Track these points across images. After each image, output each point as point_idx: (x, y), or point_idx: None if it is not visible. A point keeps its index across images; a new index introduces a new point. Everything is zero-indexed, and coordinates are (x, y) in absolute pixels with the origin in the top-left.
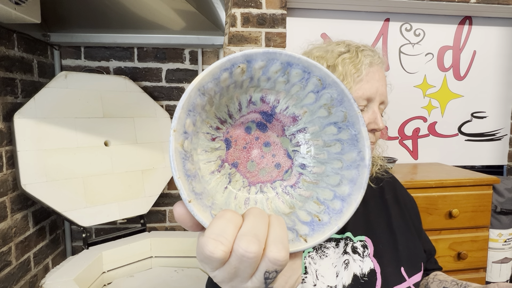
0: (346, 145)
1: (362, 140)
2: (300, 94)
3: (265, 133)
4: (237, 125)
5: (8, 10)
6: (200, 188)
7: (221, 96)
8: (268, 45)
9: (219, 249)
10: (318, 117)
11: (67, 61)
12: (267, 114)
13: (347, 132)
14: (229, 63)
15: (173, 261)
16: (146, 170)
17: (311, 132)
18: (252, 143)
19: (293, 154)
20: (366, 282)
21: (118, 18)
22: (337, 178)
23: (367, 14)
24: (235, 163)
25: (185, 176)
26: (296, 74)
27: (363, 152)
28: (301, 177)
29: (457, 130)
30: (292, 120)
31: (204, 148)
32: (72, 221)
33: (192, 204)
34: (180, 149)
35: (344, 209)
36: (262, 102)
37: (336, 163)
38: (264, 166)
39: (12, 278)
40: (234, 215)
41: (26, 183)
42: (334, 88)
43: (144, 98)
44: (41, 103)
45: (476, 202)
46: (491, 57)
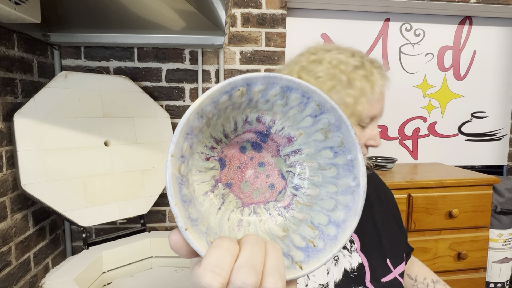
0: (341, 170)
1: (358, 166)
2: (297, 117)
3: (259, 153)
4: (232, 144)
5: (8, 10)
6: (195, 214)
7: (218, 117)
8: (268, 45)
9: (216, 281)
10: (314, 140)
11: (67, 61)
12: (262, 134)
13: (343, 157)
14: (229, 87)
15: (173, 261)
16: (146, 170)
17: (306, 153)
18: (247, 163)
19: (287, 175)
20: (356, 276)
21: (118, 18)
22: (332, 202)
23: (367, 14)
24: (229, 183)
25: (181, 202)
26: (295, 98)
27: (358, 179)
28: (295, 199)
29: (457, 130)
30: (287, 141)
31: (198, 168)
32: (72, 221)
33: (188, 232)
34: (177, 174)
35: (339, 236)
36: (257, 122)
37: (331, 187)
38: (258, 186)
39: (12, 278)
40: (231, 244)
41: (26, 183)
42: (332, 114)
43: (144, 98)
44: (41, 103)
45: (476, 202)
46: (491, 57)
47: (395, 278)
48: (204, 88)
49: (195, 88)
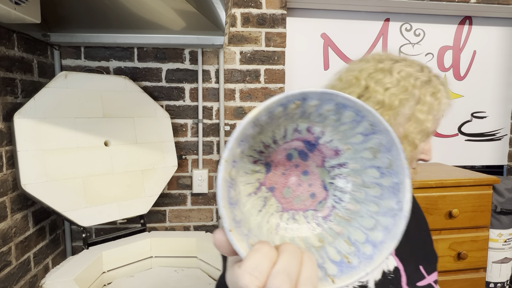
0: (386, 191)
1: (403, 191)
2: (348, 133)
3: (305, 162)
4: (279, 150)
5: (8, 10)
6: (239, 215)
7: (270, 124)
8: (268, 45)
9: (254, 284)
10: (362, 157)
11: (67, 61)
12: (310, 144)
13: (389, 179)
14: (285, 100)
15: (173, 261)
16: (146, 170)
17: (351, 168)
18: (291, 170)
19: (329, 186)
20: (393, 278)
21: (118, 18)
22: (372, 221)
23: (367, 14)
24: (272, 188)
25: (228, 204)
26: (348, 115)
27: (402, 203)
28: (334, 211)
29: (457, 130)
30: (334, 153)
31: (245, 170)
32: (72, 221)
33: (232, 234)
34: (227, 177)
35: (374, 256)
36: (307, 131)
37: (372, 206)
38: (300, 194)
39: (12, 278)
40: (270, 250)
41: (26, 183)
42: (384, 135)
43: (144, 98)
44: (41, 103)
45: (476, 202)
46: (491, 57)
47: (430, 285)
48: (204, 88)
49: (195, 88)
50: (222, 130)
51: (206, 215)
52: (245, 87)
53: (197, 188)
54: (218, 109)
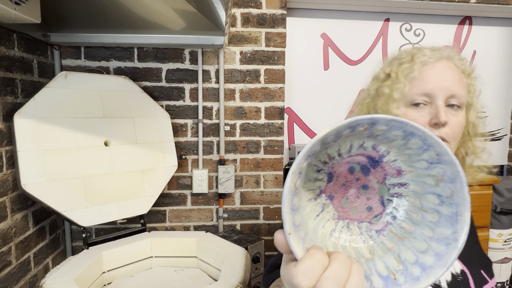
0: (443, 219)
1: (462, 223)
2: (413, 157)
3: (366, 176)
4: (342, 163)
5: (8, 10)
6: (299, 220)
7: (337, 141)
8: (268, 45)
9: (305, 283)
10: (423, 182)
11: (67, 61)
12: (374, 160)
13: (449, 208)
14: (355, 123)
15: (173, 261)
16: (146, 170)
17: (411, 189)
18: (352, 183)
19: (387, 202)
20: (461, 280)
21: (118, 18)
22: (424, 245)
23: (367, 14)
24: (331, 196)
25: (291, 210)
26: (415, 142)
27: (458, 234)
28: (388, 226)
29: None
30: (396, 172)
31: (309, 177)
32: (72, 221)
33: (291, 237)
34: (293, 187)
35: (421, 279)
36: (372, 149)
37: (427, 231)
38: (357, 205)
39: (12, 278)
40: (323, 257)
41: (26, 183)
42: (449, 167)
43: (144, 98)
44: (41, 103)
45: (476, 202)
46: (491, 57)
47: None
48: (204, 88)
49: (195, 88)
50: (222, 130)
51: (206, 215)
52: (245, 87)
53: (197, 188)
54: (218, 109)
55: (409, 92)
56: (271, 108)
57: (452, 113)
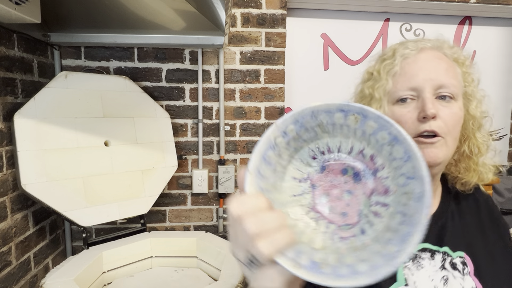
0: (397, 237)
1: (408, 243)
2: (397, 172)
3: (355, 184)
4: (339, 162)
5: (8, 10)
6: (267, 173)
7: (334, 130)
8: (268, 45)
9: (234, 210)
10: (399, 201)
11: (67, 61)
12: (369, 171)
13: (405, 228)
14: (346, 107)
15: (173, 261)
16: (146, 170)
17: (390, 211)
18: (339, 183)
19: (363, 217)
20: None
21: (118, 18)
22: (368, 256)
23: (367, 14)
24: (315, 186)
25: (261, 158)
26: (398, 151)
27: (400, 253)
28: (353, 238)
29: None
30: (384, 191)
31: (302, 159)
32: (72, 221)
33: (248, 175)
34: (272, 139)
35: (344, 279)
36: (370, 159)
37: (379, 247)
38: (334, 206)
39: (12, 278)
40: (265, 204)
41: (26, 183)
42: (419, 184)
43: (144, 98)
44: (41, 103)
45: None
46: (491, 57)
47: None
48: (204, 88)
49: (195, 88)
50: (222, 130)
51: (206, 215)
52: (245, 87)
53: (197, 188)
54: (218, 109)
55: (394, 88)
56: (271, 108)
57: (443, 105)
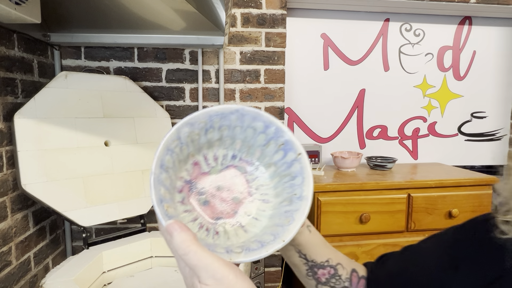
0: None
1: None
2: (179, 157)
3: (208, 193)
4: (193, 193)
5: (8, 10)
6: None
7: None
8: (268, 45)
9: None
10: (200, 143)
11: (67, 61)
12: (192, 188)
13: (218, 128)
14: None
15: (173, 261)
16: (146, 170)
17: (211, 152)
18: (216, 195)
19: (223, 166)
20: None
21: (118, 18)
22: (252, 131)
23: (367, 14)
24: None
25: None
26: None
27: None
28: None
29: (457, 130)
30: (197, 166)
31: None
32: (72, 221)
33: None
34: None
35: (277, 129)
36: (181, 192)
37: (248, 132)
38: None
39: (12, 278)
40: None
41: (26, 183)
42: None
43: (144, 98)
44: (41, 103)
45: (475, 202)
46: (491, 57)
47: None
48: (204, 88)
49: (195, 88)
50: None
51: None
52: (245, 87)
53: None
54: None
55: None
56: (271, 108)
57: None
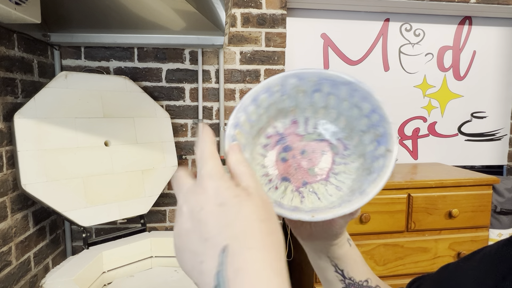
0: (334, 90)
1: (337, 76)
2: (279, 106)
3: (293, 149)
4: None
5: (8, 10)
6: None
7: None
8: (268, 45)
9: None
10: (303, 102)
11: (67, 61)
12: (280, 140)
13: (325, 86)
14: None
15: (173, 261)
16: (146, 170)
17: (310, 114)
18: (296, 158)
19: (319, 136)
20: None
21: (118, 18)
22: (355, 109)
23: (367, 14)
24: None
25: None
26: (263, 99)
27: (345, 79)
28: (342, 138)
29: (457, 130)
30: (294, 124)
31: None
32: (72, 221)
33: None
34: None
35: (381, 112)
36: (269, 138)
37: (344, 104)
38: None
39: (12, 278)
40: None
41: (26, 183)
42: None
43: (144, 98)
44: (41, 103)
45: (476, 202)
46: (491, 57)
47: None
48: (204, 88)
49: (195, 88)
50: (222, 130)
51: None
52: (245, 87)
53: None
54: (218, 109)
55: None
56: None
57: None
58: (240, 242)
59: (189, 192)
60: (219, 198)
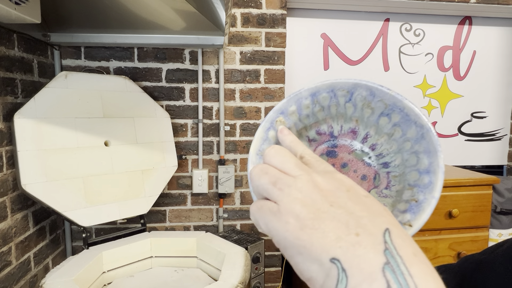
0: (403, 125)
1: (410, 112)
2: (340, 110)
3: (337, 158)
4: (320, 148)
5: (8, 10)
6: None
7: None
8: (268, 45)
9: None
10: (368, 118)
11: (67, 61)
12: (330, 142)
13: (395, 115)
14: None
15: (173, 261)
16: (146, 170)
17: (373, 133)
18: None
19: (370, 160)
20: None
21: (118, 18)
22: (414, 156)
23: (367, 14)
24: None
25: (256, 152)
26: (323, 98)
27: (419, 121)
28: (390, 175)
29: (457, 130)
30: (352, 134)
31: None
32: (72, 221)
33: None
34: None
35: (433, 180)
36: (319, 135)
37: (406, 144)
38: None
39: (12, 278)
40: None
41: (26, 183)
42: (364, 89)
43: (144, 98)
44: (41, 103)
45: (476, 202)
46: (491, 57)
47: None
48: (204, 88)
49: (195, 88)
50: (222, 130)
51: (206, 215)
52: (245, 87)
53: (197, 188)
54: (218, 109)
55: None
56: (271, 108)
57: None
58: (398, 229)
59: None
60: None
